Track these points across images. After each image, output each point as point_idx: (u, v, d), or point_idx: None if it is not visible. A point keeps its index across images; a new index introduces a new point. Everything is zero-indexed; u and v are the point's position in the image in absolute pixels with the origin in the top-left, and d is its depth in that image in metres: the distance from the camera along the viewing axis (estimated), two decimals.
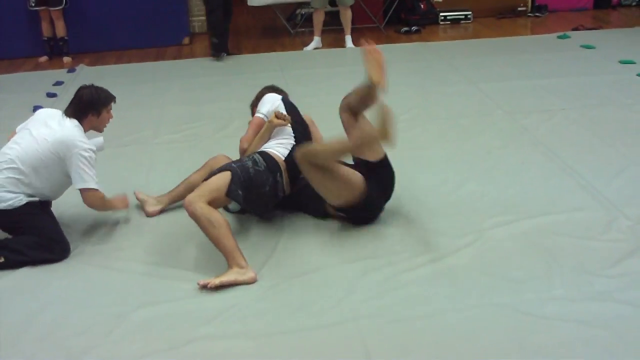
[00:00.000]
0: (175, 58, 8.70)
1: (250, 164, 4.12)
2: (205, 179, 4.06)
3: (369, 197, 4.05)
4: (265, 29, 10.32)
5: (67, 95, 7.15)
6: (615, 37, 8.69)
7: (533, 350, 3.08)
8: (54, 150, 3.97)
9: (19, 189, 3.96)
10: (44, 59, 8.81)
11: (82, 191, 4.07)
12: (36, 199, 4.02)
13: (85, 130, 4.14)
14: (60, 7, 8.56)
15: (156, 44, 9.18)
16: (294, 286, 3.65)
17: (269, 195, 4.16)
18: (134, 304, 3.56)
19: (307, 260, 3.88)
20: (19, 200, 3.95)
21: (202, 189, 3.91)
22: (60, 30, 8.69)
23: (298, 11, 10.33)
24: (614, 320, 3.23)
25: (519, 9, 10.44)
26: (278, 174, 4.18)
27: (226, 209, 4.14)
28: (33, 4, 8.54)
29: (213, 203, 3.87)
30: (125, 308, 3.52)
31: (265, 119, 4.47)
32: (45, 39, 8.80)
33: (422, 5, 9.98)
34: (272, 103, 4.56)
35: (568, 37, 8.74)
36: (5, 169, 3.97)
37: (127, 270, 3.88)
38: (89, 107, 4.14)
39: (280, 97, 4.65)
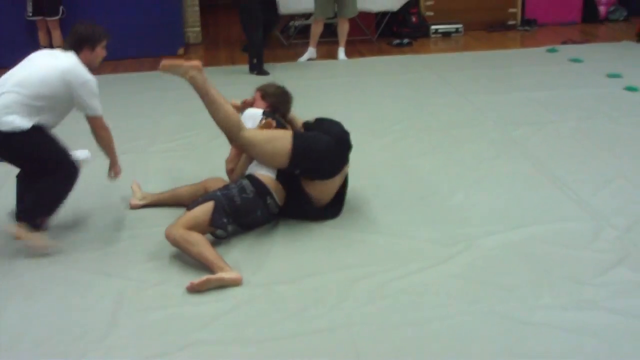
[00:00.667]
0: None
1: (236, 192, 4.17)
2: (190, 208, 4.13)
3: (294, 145, 4.20)
4: None
5: None
6: (603, 51, 8.79)
7: (522, 358, 3.11)
8: (62, 78, 4.04)
9: (23, 112, 3.99)
10: None
11: (92, 119, 4.17)
12: (39, 123, 4.06)
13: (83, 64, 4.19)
14: (57, 17, 8.61)
15: (151, 54, 9.23)
16: (287, 292, 3.68)
17: (262, 218, 4.28)
18: (129, 309, 3.58)
19: (299, 267, 3.92)
20: (25, 123, 3.99)
21: (182, 220, 4.04)
22: (57, 40, 8.71)
23: (291, 23, 10.38)
24: (602, 328, 3.27)
25: (509, 22, 10.54)
26: (268, 197, 4.24)
27: (214, 234, 4.18)
28: (30, 14, 8.58)
29: (194, 230, 3.99)
30: (120, 313, 3.54)
31: None
32: (43, 48, 8.82)
33: (413, 19, 10.08)
34: (253, 120, 4.47)
35: (557, 50, 8.83)
36: (8, 92, 4.01)
37: (122, 275, 3.90)
38: (84, 42, 4.22)
39: (261, 111, 4.55)
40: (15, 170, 4.39)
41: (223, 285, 3.74)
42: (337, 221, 4.40)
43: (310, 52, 8.99)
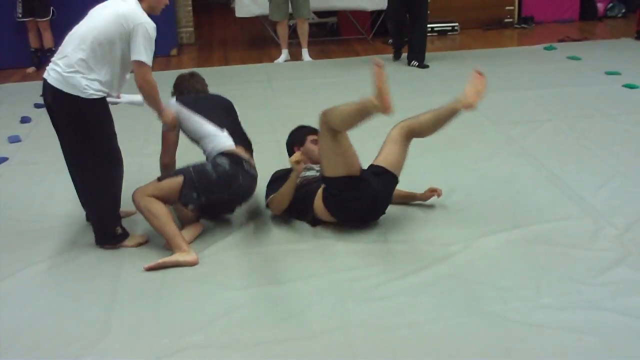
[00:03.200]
0: (163, 69, 8.71)
1: (210, 168, 4.21)
2: (160, 179, 4.18)
3: (359, 179, 4.13)
4: (252, 40, 10.35)
5: None
6: (601, 49, 8.77)
7: (521, 358, 3.09)
8: (118, 21, 3.98)
9: (90, 74, 3.95)
10: (31, 70, 8.81)
11: (138, 64, 4.07)
12: (104, 93, 4.03)
13: (144, 10, 4.13)
14: (47, 19, 8.58)
15: (160, 53, 9.20)
16: (282, 295, 3.65)
17: (245, 185, 4.29)
18: (122, 312, 3.55)
19: (294, 269, 3.89)
20: (93, 89, 3.96)
21: (149, 187, 4.13)
22: (48, 41, 8.69)
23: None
24: (602, 328, 3.25)
25: (506, 20, 10.52)
26: (243, 162, 4.27)
27: (185, 207, 4.22)
28: (20, 15, 8.54)
29: (162, 199, 4.10)
30: (113, 317, 3.51)
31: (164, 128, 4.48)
32: (33, 50, 8.80)
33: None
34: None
35: (554, 48, 8.81)
36: (75, 49, 3.98)
37: (115, 279, 3.87)
38: None
39: (173, 99, 4.57)
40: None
41: (178, 266, 3.87)
42: (332, 224, 4.35)
43: (285, 54, 8.96)
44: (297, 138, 4.66)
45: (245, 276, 3.83)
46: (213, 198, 4.22)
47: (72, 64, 3.95)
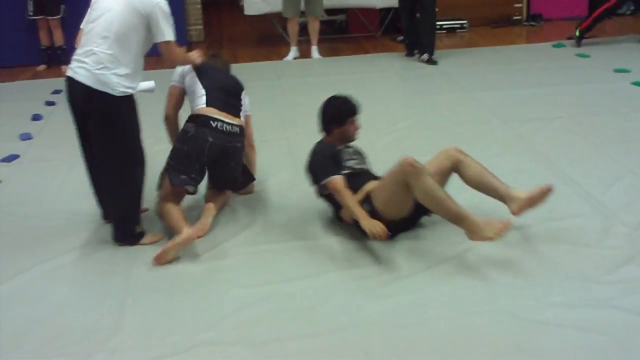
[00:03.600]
0: (173, 67, 8.71)
1: (178, 143, 4.36)
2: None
3: (409, 219, 4.12)
4: (261, 38, 10.35)
5: (65, 103, 7.16)
6: (610, 46, 8.73)
7: (532, 356, 3.09)
8: (136, 9, 4.00)
9: (119, 69, 3.98)
10: (42, 67, 8.83)
11: (164, 45, 4.13)
12: (133, 90, 4.07)
13: None
14: (58, 17, 8.59)
15: (154, 53, 9.16)
16: (293, 292, 3.67)
17: (219, 141, 4.30)
18: (134, 309, 3.58)
19: (306, 266, 3.90)
20: (124, 87, 4.00)
21: (160, 193, 4.35)
22: (59, 39, 8.71)
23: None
24: (612, 326, 3.25)
25: (514, 17, 10.49)
26: (212, 122, 4.31)
27: (188, 193, 4.37)
28: (31, 13, 8.56)
29: (174, 199, 4.28)
30: (125, 314, 3.53)
31: (177, 84, 4.64)
32: (44, 47, 8.82)
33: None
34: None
35: (563, 45, 8.78)
36: (101, 45, 3.99)
37: (126, 275, 3.89)
38: None
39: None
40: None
41: (179, 248, 3.97)
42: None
43: (294, 51, 8.96)
44: (337, 118, 4.37)
45: (256, 273, 3.84)
46: (197, 168, 4.28)
47: (100, 60, 3.97)
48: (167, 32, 4.09)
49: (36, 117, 6.71)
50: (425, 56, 8.33)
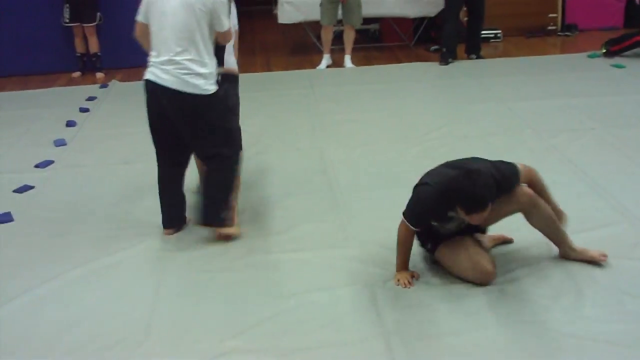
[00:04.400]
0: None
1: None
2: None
3: None
4: (295, 46, 10.38)
5: (99, 110, 7.26)
6: None
7: None
8: (199, 9, 4.10)
9: (202, 69, 4.14)
10: (77, 74, 8.92)
11: (223, 34, 4.27)
12: (216, 85, 4.23)
13: None
14: (94, 24, 8.68)
15: None
16: (321, 301, 3.66)
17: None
18: (163, 315, 3.60)
19: (335, 276, 3.90)
20: (210, 85, 4.17)
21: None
22: (94, 46, 8.80)
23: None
24: None
25: (549, 28, 10.41)
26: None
27: None
28: (67, 20, 8.66)
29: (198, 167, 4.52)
30: (155, 320, 3.56)
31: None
32: (79, 54, 8.91)
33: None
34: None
35: (598, 56, 8.71)
36: (182, 52, 4.12)
37: (157, 281, 3.92)
38: None
39: None
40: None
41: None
42: (373, 229, 4.36)
43: (326, 59, 8.97)
44: (468, 205, 3.53)
45: (283, 282, 3.85)
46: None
47: (185, 65, 4.11)
48: (225, 22, 4.25)
49: (70, 124, 6.77)
50: (473, 55, 8.91)
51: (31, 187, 5.28)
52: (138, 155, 5.69)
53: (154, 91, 4.18)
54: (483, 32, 9.92)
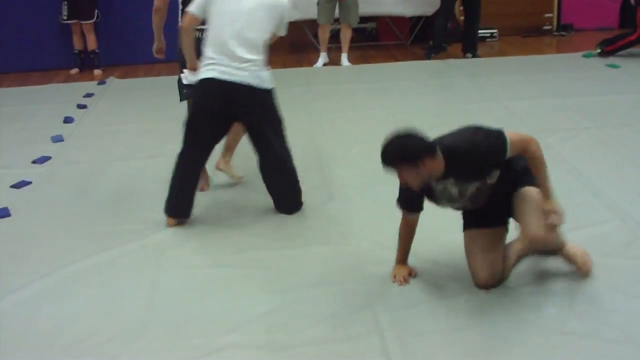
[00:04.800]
0: None
1: None
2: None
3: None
4: (292, 44, 10.39)
5: (97, 107, 7.27)
6: None
7: None
8: (274, 14, 4.46)
9: (264, 65, 4.44)
10: (75, 71, 8.95)
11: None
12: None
13: None
14: (92, 21, 8.71)
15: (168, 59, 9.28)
16: (317, 297, 3.68)
17: None
18: (159, 311, 3.61)
19: (331, 272, 3.91)
20: (270, 79, 4.47)
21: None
22: (92, 43, 8.83)
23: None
24: (639, 338, 3.22)
25: (545, 27, 10.45)
26: None
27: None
28: (65, 17, 8.68)
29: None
30: (151, 315, 3.57)
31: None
32: (77, 51, 8.94)
33: (448, 23, 10.02)
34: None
35: (593, 55, 8.74)
36: (251, 52, 4.37)
37: (153, 277, 3.93)
38: None
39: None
40: None
41: None
42: (369, 226, 4.38)
43: (323, 57, 9.02)
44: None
45: (281, 278, 3.87)
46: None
47: (256, 62, 4.36)
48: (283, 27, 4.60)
49: (68, 120, 6.80)
50: (469, 55, 9.02)
51: (28, 183, 5.30)
52: (135, 151, 5.72)
53: (220, 89, 4.32)
54: (480, 31, 9.97)
